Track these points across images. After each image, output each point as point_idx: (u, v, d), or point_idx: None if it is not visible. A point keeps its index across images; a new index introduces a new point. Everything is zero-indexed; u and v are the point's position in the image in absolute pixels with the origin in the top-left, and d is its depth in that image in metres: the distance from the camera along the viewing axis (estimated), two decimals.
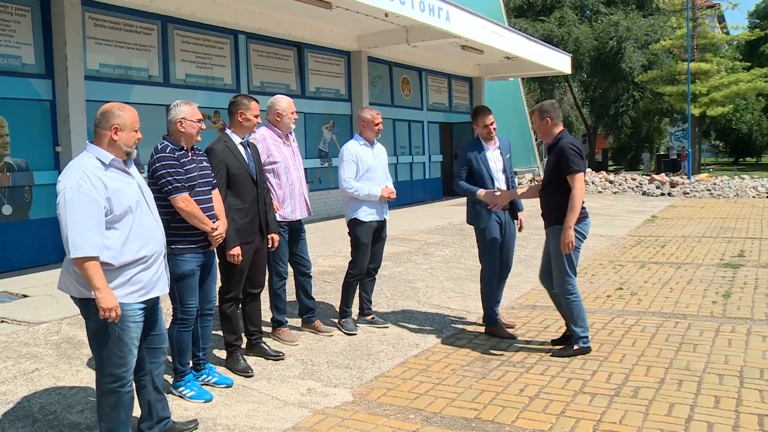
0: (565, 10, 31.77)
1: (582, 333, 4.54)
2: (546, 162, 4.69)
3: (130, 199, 2.90)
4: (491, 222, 4.99)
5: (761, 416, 3.42)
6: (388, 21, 10.76)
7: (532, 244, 9.15)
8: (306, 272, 5.06)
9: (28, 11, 7.29)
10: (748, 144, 40.44)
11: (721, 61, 28.70)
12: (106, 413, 2.94)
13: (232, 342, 4.28)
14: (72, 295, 2.91)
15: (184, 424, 3.39)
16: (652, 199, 17.03)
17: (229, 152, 4.18)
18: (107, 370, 2.90)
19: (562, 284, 4.54)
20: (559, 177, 4.47)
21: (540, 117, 4.63)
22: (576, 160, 4.40)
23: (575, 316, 4.53)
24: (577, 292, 4.55)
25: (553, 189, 4.53)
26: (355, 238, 5.14)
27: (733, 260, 7.89)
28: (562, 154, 4.42)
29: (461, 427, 3.44)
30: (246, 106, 4.28)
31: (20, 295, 5.67)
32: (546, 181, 4.64)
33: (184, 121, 3.68)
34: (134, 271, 2.89)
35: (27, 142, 7.23)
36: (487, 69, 17.23)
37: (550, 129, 4.61)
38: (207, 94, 9.50)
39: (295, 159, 4.89)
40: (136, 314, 2.91)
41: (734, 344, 4.66)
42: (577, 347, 4.53)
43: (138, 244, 2.90)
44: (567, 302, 4.54)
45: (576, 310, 4.52)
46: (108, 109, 2.94)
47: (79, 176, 2.78)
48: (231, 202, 4.11)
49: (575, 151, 4.41)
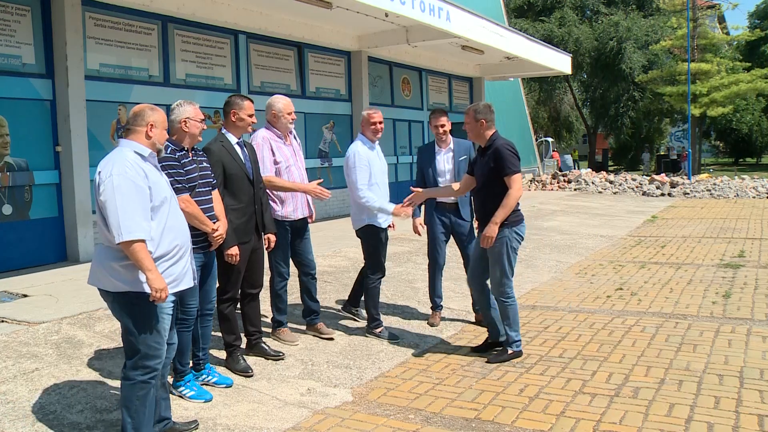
0: (566, 10, 31.77)
1: (516, 336, 4.52)
2: (477, 166, 4.55)
3: (166, 191, 3.06)
4: (434, 221, 5.31)
5: (761, 417, 3.42)
6: (388, 21, 10.75)
7: (532, 245, 9.15)
8: (310, 273, 5.00)
9: (29, 11, 7.28)
10: (748, 144, 40.44)
11: (722, 61, 28.69)
12: (135, 407, 2.98)
13: (231, 342, 4.28)
14: (106, 289, 2.97)
15: (184, 424, 3.39)
16: (652, 199, 17.03)
17: (226, 152, 4.16)
18: (142, 363, 2.97)
19: (499, 287, 4.47)
20: (496, 180, 4.38)
21: (474, 119, 4.51)
22: (513, 161, 4.34)
23: (511, 320, 4.48)
24: (514, 295, 4.51)
25: (489, 192, 4.44)
26: (373, 242, 5.00)
27: (733, 260, 7.88)
28: (500, 155, 4.34)
29: (461, 427, 3.44)
30: (239, 105, 4.23)
31: (20, 294, 5.67)
32: (480, 185, 4.53)
33: (188, 121, 3.68)
34: (168, 263, 3.02)
35: (27, 141, 7.23)
36: (487, 69, 17.23)
37: (484, 131, 4.51)
38: (207, 94, 9.49)
39: (296, 159, 4.87)
40: (169, 306, 3.04)
41: (734, 345, 4.66)
42: (511, 351, 4.50)
43: (172, 235, 3.04)
44: (503, 305, 4.48)
45: (512, 313, 4.47)
46: (141, 108, 3.10)
47: (124, 164, 2.89)
48: (227, 201, 4.11)
49: (512, 152, 4.36)
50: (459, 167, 5.31)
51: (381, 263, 5.03)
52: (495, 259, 4.45)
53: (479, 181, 4.55)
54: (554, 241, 9.63)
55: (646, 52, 30.39)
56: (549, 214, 12.62)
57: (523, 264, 7.93)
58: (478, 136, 4.54)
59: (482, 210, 4.53)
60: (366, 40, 12.39)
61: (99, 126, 7.98)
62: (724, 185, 18.36)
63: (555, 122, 41.77)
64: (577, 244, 9.43)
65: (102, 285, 2.98)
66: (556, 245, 9.27)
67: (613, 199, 16.58)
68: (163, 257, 2.98)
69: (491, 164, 4.38)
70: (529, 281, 7.08)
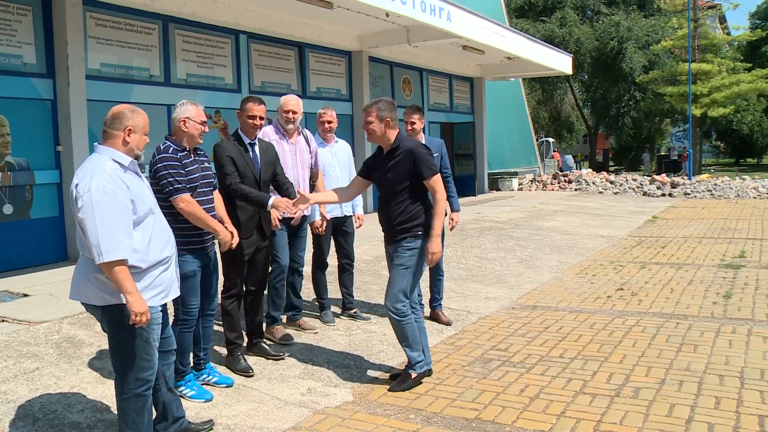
0: (567, 10, 31.75)
1: (418, 357, 3.98)
2: (377, 173, 4.01)
3: (150, 201, 2.91)
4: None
5: (762, 417, 3.42)
6: (389, 21, 10.75)
7: (532, 245, 9.15)
8: (298, 269, 5.10)
9: (29, 10, 7.29)
10: (749, 145, 40.45)
11: (722, 61, 28.68)
12: (133, 419, 2.88)
13: (232, 340, 4.29)
14: (92, 303, 2.80)
15: (199, 424, 3.38)
16: (652, 199, 17.02)
17: (237, 151, 4.25)
18: (134, 376, 2.84)
19: (395, 300, 3.91)
20: (412, 185, 3.89)
21: (379, 117, 3.94)
22: (431, 160, 3.92)
23: (409, 339, 3.95)
24: (409, 313, 3.95)
25: (403, 199, 3.92)
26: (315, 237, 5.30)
27: (733, 261, 7.88)
28: (417, 158, 3.86)
29: (461, 427, 3.44)
30: (242, 107, 4.36)
31: (21, 294, 5.67)
32: (390, 194, 3.95)
33: (187, 121, 3.67)
34: (157, 272, 2.89)
35: (28, 141, 7.23)
36: (488, 69, 17.22)
37: (389, 132, 3.97)
38: (208, 93, 9.49)
39: (296, 157, 4.90)
40: (158, 316, 2.92)
41: (735, 345, 4.66)
42: (415, 375, 3.97)
43: (160, 244, 2.91)
44: (398, 323, 3.93)
45: (409, 332, 3.94)
46: (120, 110, 2.89)
47: (103, 177, 2.70)
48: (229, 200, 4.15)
49: (429, 153, 3.94)
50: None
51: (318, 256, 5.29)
52: (399, 272, 3.92)
53: (386, 191, 3.97)
54: (555, 241, 9.62)
55: (647, 52, 30.37)
56: (549, 215, 12.62)
57: (524, 264, 7.94)
58: (381, 137, 3.98)
59: (396, 220, 3.93)
60: (367, 40, 12.39)
61: (100, 126, 7.81)
62: (724, 186, 18.34)
63: (556, 122, 41.75)
64: (577, 245, 9.42)
65: (87, 299, 2.80)
66: (556, 245, 9.27)
67: (614, 200, 16.57)
68: (153, 267, 2.85)
69: (407, 168, 3.88)
70: (529, 281, 7.08)
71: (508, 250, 8.73)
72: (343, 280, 5.52)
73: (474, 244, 8.80)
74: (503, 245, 9.04)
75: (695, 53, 27.24)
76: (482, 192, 17.37)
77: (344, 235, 5.43)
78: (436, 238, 3.88)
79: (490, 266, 7.80)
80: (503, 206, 13.71)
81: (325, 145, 5.36)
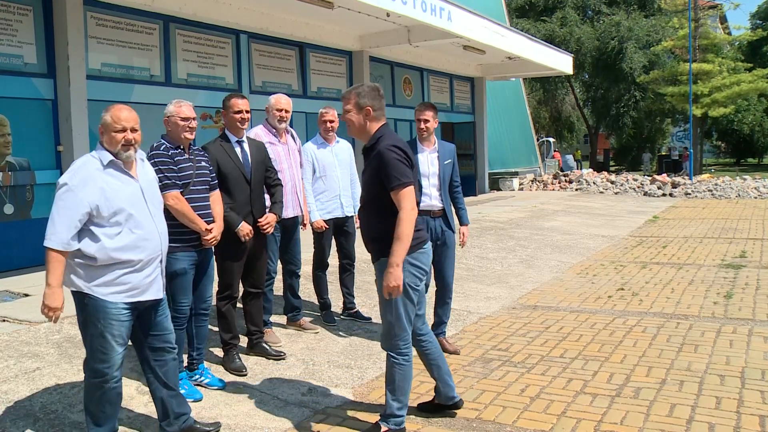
0: (567, 10, 31.76)
1: (398, 410, 3.22)
2: (362, 172, 3.38)
3: (125, 201, 2.91)
4: None
5: (762, 417, 3.42)
6: (389, 21, 10.75)
7: (533, 245, 9.15)
8: (295, 271, 5.09)
9: (30, 10, 7.29)
10: (749, 145, 40.42)
11: (723, 61, 28.67)
12: (92, 410, 2.99)
13: (227, 340, 4.28)
14: (67, 287, 2.93)
15: (207, 425, 3.37)
16: (653, 199, 17.02)
17: (222, 151, 4.19)
18: (90, 365, 2.95)
19: (390, 338, 3.23)
20: (381, 193, 3.16)
21: (358, 105, 3.23)
22: (401, 168, 3.10)
23: (396, 385, 3.22)
24: (410, 353, 3.26)
25: (375, 209, 3.23)
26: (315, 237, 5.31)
27: (734, 261, 7.88)
28: (383, 162, 3.12)
29: (462, 427, 3.44)
30: (225, 105, 4.35)
31: (22, 294, 5.67)
32: (366, 199, 3.32)
33: (169, 119, 3.76)
34: (121, 272, 2.90)
35: (29, 141, 7.24)
36: (488, 69, 17.23)
37: (370, 124, 3.26)
38: (209, 93, 9.50)
39: (289, 157, 4.88)
40: (120, 313, 2.92)
41: (736, 345, 4.65)
42: (386, 429, 3.21)
43: (128, 245, 2.90)
44: (393, 364, 3.23)
45: (399, 377, 3.22)
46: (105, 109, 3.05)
47: (74, 173, 2.87)
48: (222, 199, 4.12)
49: (400, 158, 3.12)
50: (444, 172, 4.62)
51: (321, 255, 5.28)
52: (385, 304, 3.21)
53: (364, 195, 3.37)
54: (555, 241, 9.62)
55: (648, 52, 30.37)
56: (550, 214, 12.62)
57: (524, 264, 7.93)
58: (360, 130, 3.29)
59: (368, 233, 3.32)
60: (367, 40, 12.39)
61: None
62: (725, 186, 18.34)
63: (556, 122, 41.77)
64: (578, 245, 9.42)
65: (65, 284, 2.90)
66: (557, 245, 9.27)
67: (615, 200, 16.57)
68: (115, 265, 2.88)
69: (377, 172, 3.17)
70: (530, 281, 7.08)
71: (509, 250, 8.73)
72: (344, 280, 5.51)
73: (474, 244, 8.79)
74: (504, 245, 9.04)
75: (696, 53, 27.23)
76: (483, 192, 17.37)
77: (345, 235, 5.42)
78: (395, 268, 3.04)
79: (491, 266, 7.80)
80: (504, 206, 13.72)
81: (327, 145, 5.32)
